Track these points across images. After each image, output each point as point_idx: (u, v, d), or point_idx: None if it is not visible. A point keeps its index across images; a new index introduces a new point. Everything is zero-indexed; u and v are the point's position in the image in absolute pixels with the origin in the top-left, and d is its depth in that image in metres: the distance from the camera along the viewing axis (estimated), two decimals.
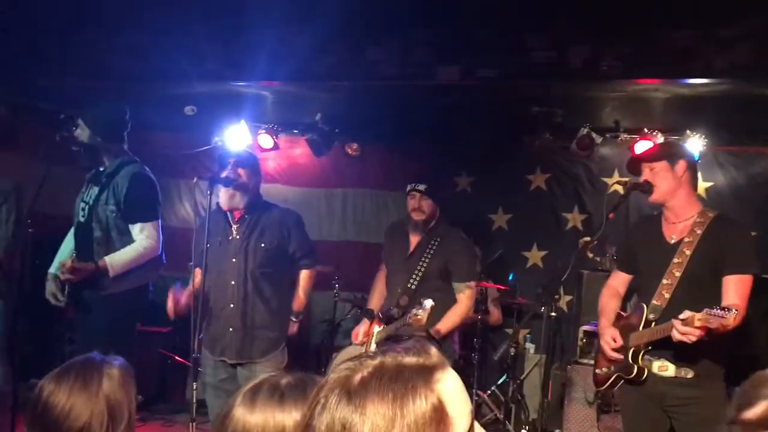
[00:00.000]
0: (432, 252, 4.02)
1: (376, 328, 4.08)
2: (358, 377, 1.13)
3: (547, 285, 4.19)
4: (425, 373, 1.13)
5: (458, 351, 5.62)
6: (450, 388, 1.14)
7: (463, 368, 5.71)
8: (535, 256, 6.28)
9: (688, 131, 5.57)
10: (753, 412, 1.58)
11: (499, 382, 5.83)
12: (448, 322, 3.97)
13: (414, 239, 4.13)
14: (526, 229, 6.35)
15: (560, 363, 5.56)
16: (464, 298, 4.02)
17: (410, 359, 1.15)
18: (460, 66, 4.49)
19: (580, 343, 5.23)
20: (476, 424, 1.20)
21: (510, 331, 6.01)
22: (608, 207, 3.39)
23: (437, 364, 1.17)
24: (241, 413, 1.50)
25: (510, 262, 6.26)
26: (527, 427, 5.26)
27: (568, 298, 6.04)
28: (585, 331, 5.22)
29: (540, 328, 5.92)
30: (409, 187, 4.15)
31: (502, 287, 5.92)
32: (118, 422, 1.83)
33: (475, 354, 5.58)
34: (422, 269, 4.01)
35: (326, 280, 6.11)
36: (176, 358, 5.83)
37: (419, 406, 1.10)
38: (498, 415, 5.64)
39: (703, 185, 5.79)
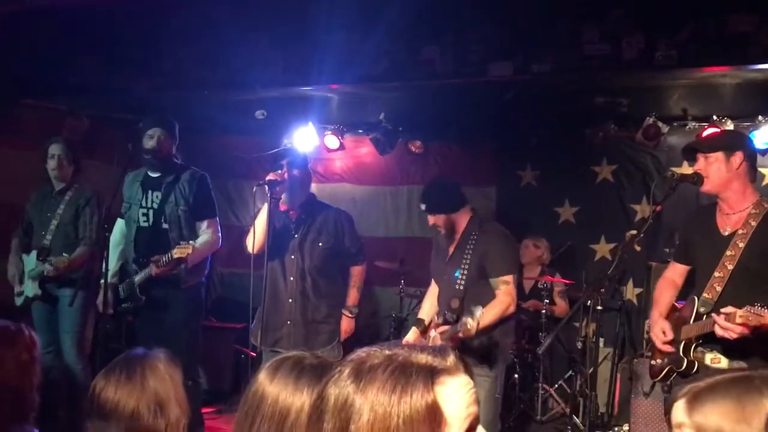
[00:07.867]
0: (471, 249, 3.88)
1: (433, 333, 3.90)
2: (368, 363, 1.21)
3: (593, 280, 4.14)
4: (429, 373, 1.19)
5: (525, 345, 5.67)
6: (450, 393, 1.19)
7: (530, 362, 5.74)
8: (603, 248, 6.18)
9: (760, 117, 5.39)
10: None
11: (567, 376, 5.80)
12: (483, 319, 3.64)
13: (452, 243, 4.00)
14: (594, 221, 6.26)
15: (629, 357, 5.48)
16: (500, 294, 3.80)
17: (422, 357, 1.21)
18: (513, 62, 4.51)
19: (646, 335, 5.13)
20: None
21: (578, 324, 5.96)
22: (654, 198, 3.35)
23: (448, 368, 1.21)
24: (262, 378, 1.64)
25: (577, 255, 6.21)
26: (596, 422, 5.20)
27: (638, 290, 5.94)
28: None
29: (610, 322, 5.85)
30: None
31: (568, 281, 5.87)
32: (167, 408, 2.00)
33: (541, 348, 5.56)
34: (466, 269, 3.87)
35: (392, 276, 6.24)
36: (251, 353, 6.07)
37: (415, 401, 1.16)
38: (565, 409, 5.62)
39: None
